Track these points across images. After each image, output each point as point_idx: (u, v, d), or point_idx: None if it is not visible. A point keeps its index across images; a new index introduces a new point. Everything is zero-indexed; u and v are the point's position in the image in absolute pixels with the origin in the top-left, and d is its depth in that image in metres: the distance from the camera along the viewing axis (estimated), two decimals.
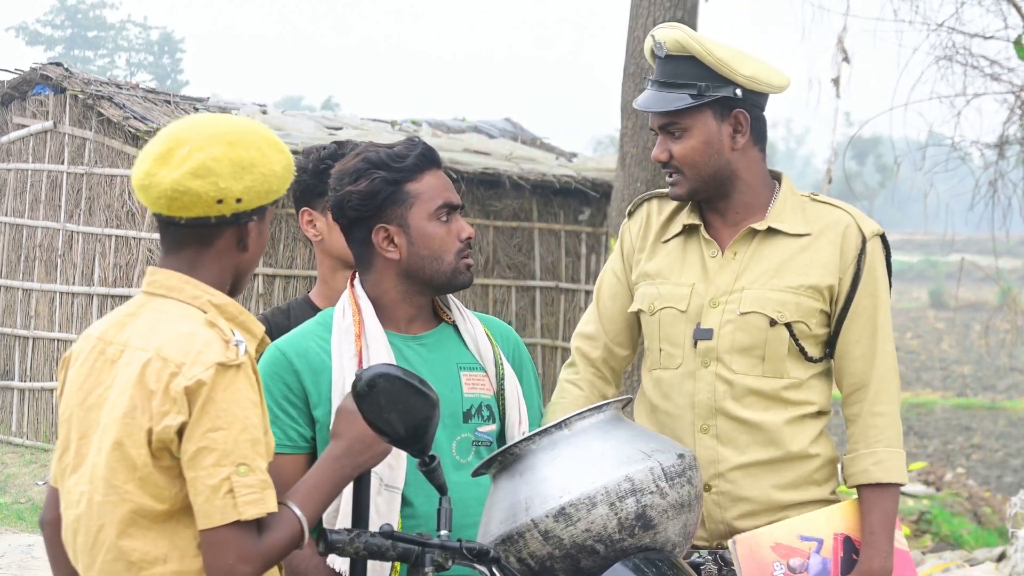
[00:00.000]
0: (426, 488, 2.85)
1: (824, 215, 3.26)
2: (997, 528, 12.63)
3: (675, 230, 3.32)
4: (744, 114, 3.21)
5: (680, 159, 3.21)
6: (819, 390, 3.25)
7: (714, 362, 3.20)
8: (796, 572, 3.11)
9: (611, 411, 2.81)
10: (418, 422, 2.58)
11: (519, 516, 2.67)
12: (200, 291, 2.56)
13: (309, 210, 3.73)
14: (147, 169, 2.52)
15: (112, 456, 2.48)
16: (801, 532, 3.14)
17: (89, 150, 11.58)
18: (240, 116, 2.60)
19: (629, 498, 2.65)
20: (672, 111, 3.19)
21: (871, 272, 3.22)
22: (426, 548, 2.57)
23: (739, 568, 3.08)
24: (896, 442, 3.23)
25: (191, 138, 2.52)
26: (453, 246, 3.07)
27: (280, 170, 2.57)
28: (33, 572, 8.04)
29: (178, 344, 2.48)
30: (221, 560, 2.42)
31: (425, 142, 3.13)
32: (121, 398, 2.49)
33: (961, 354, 29.80)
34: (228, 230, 2.57)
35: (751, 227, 3.24)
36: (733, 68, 3.17)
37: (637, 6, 8.65)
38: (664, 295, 3.27)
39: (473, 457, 3.07)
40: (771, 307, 3.18)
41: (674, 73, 3.20)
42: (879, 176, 55.37)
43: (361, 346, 3.02)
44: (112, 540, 2.49)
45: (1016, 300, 10.67)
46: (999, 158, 10.01)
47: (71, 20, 61.69)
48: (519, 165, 12.20)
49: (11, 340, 12.25)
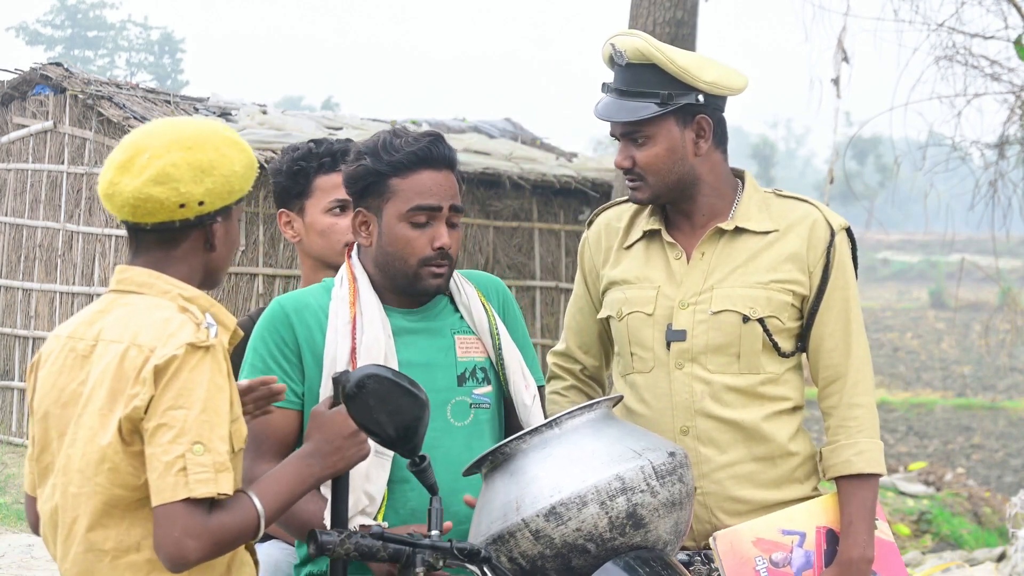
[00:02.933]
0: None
1: (791, 210, 3.28)
2: (997, 528, 12.64)
3: (636, 235, 3.33)
4: (707, 119, 3.22)
5: (643, 166, 3.22)
6: (793, 385, 3.27)
7: (688, 363, 3.22)
8: (779, 566, 3.11)
9: (602, 409, 2.81)
10: (408, 422, 2.58)
11: (510, 515, 2.67)
12: (171, 286, 2.60)
13: (286, 212, 3.73)
14: (110, 178, 2.58)
15: (88, 448, 2.51)
16: (782, 526, 3.15)
17: (89, 150, 11.58)
18: (201, 118, 2.63)
19: (620, 497, 2.65)
20: (636, 120, 3.20)
21: (841, 265, 3.24)
22: (417, 548, 2.57)
23: (721, 564, 3.09)
24: (875, 433, 3.24)
25: (150, 145, 2.56)
26: (420, 252, 3.03)
27: (241, 169, 2.61)
28: (33, 572, 8.03)
29: (152, 330, 2.52)
30: (168, 535, 2.43)
31: (435, 140, 3.08)
32: (99, 391, 2.52)
33: (961, 354, 29.79)
34: (193, 232, 2.62)
35: (718, 227, 3.25)
36: (695, 75, 3.18)
37: (637, 6, 8.66)
38: (631, 299, 3.28)
39: (471, 420, 3.08)
40: (743, 304, 3.20)
41: (635, 81, 3.20)
42: (879, 176, 55.36)
43: (355, 313, 3.03)
44: (83, 532, 2.52)
45: (1016, 300, 10.67)
46: (999, 158, 10.01)
47: (71, 20, 61.71)
48: (519, 165, 12.20)
49: (11, 340, 12.26)
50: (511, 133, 13.57)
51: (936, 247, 45.16)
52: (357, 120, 12.61)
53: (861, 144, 51.63)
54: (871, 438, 3.21)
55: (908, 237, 54.83)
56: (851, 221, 3.45)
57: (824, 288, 3.23)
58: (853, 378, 3.23)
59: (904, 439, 19.74)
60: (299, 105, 63.09)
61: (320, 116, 12.64)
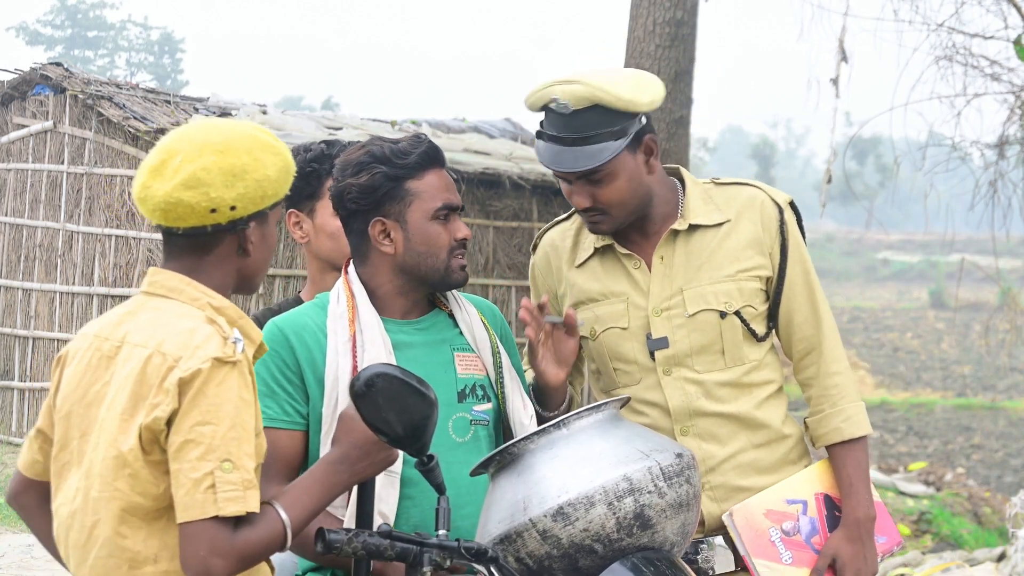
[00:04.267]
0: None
1: (735, 196, 3.30)
2: (997, 528, 12.64)
3: (587, 252, 3.33)
4: (653, 139, 3.23)
5: (607, 202, 3.20)
6: (773, 366, 3.33)
7: (676, 367, 3.24)
8: (790, 535, 3.21)
9: (609, 410, 2.81)
10: (416, 422, 2.58)
11: (517, 516, 2.67)
12: (201, 293, 2.58)
13: (296, 212, 3.73)
14: (143, 182, 2.56)
15: (108, 452, 2.49)
16: (786, 496, 3.25)
17: (89, 150, 11.57)
18: (238, 121, 2.60)
19: (627, 497, 2.66)
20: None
21: (794, 239, 3.29)
22: (424, 548, 2.57)
23: (739, 538, 3.17)
24: (856, 396, 3.31)
25: (183, 149, 2.54)
26: (448, 245, 3.09)
27: (275, 173, 2.58)
28: (33, 572, 8.03)
29: (178, 339, 2.50)
30: (194, 553, 2.42)
31: (431, 140, 3.13)
32: (121, 394, 2.50)
33: (961, 354, 29.80)
34: (226, 237, 2.59)
35: (672, 229, 3.26)
36: (638, 102, 3.16)
37: (637, 6, 8.65)
38: (601, 317, 3.29)
39: (471, 436, 3.08)
40: (716, 300, 3.24)
41: (583, 126, 3.16)
42: (879, 176, 55.33)
43: (355, 330, 3.03)
44: (108, 535, 2.50)
45: (1016, 300, 10.67)
46: (999, 158, 10.01)
47: (71, 20, 61.70)
48: (519, 165, 12.20)
49: (11, 340, 12.25)
50: (511, 133, 13.56)
51: (936, 247, 45.19)
52: (357, 120, 12.60)
53: (861, 144, 51.63)
54: (853, 402, 3.30)
55: (908, 237, 54.82)
56: (851, 221, 3.48)
57: (784, 265, 3.27)
58: (827, 347, 3.30)
59: (904, 439, 19.74)
60: (299, 105, 63.09)
61: (320, 116, 12.63)
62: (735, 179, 3.37)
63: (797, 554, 3.19)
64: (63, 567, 2.67)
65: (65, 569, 2.67)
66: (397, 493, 2.98)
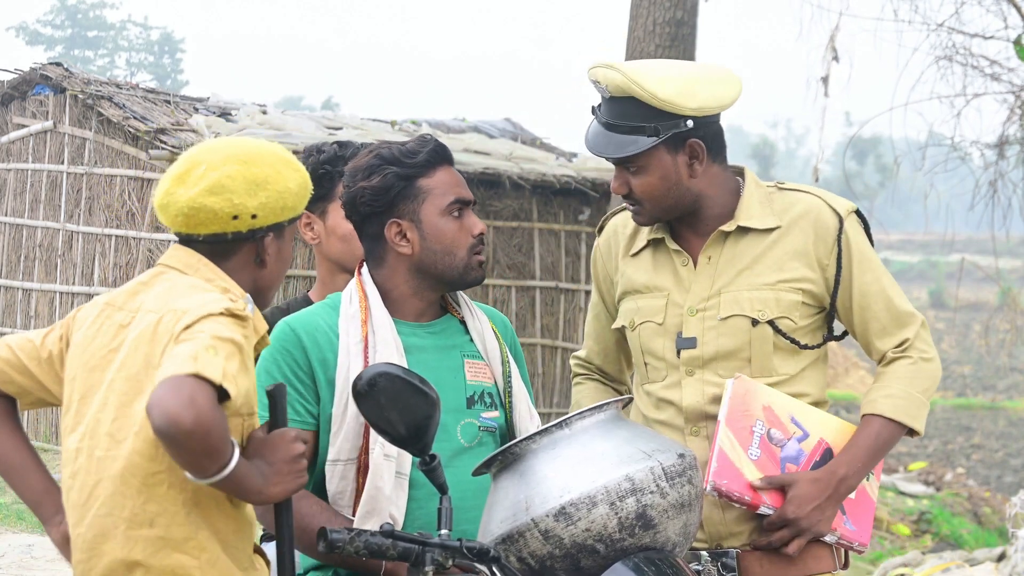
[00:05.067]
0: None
1: (794, 204, 3.21)
2: (997, 528, 12.65)
3: (641, 243, 3.30)
4: (698, 143, 3.15)
5: (640, 193, 3.18)
6: (812, 380, 3.21)
7: (699, 369, 3.18)
8: (772, 443, 3.10)
9: (612, 410, 2.81)
10: (419, 421, 2.59)
11: (519, 515, 2.67)
12: (216, 275, 2.65)
13: (307, 213, 3.72)
14: (167, 189, 2.65)
15: (120, 412, 2.53)
16: (795, 415, 3.12)
17: (89, 150, 11.58)
18: (258, 139, 2.72)
19: (629, 498, 2.65)
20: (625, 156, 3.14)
21: (858, 248, 3.18)
22: (426, 547, 2.57)
23: (726, 403, 3.08)
24: (922, 390, 3.13)
25: (207, 159, 2.64)
26: (465, 241, 3.10)
27: (295, 187, 2.69)
28: (33, 572, 8.03)
29: (190, 299, 2.56)
30: (173, 398, 2.34)
31: (437, 139, 3.15)
32: (134, 356, 2.55)
33: (961, 354, 29.80)
34: (245, 246, 2.68)
35: (721, 229, 3.20)
36: (680, 105, 3.10)
37: (637, 6, 8.65)
38: (642, 309, 3.26)
39: (478, 443, 3.08)
40: (751, 307, 3.16)
41: (620, 114, 3.14)
42: (879, 176, 55.31)
43: (367, 332, 3.04)
44: (108, 494, 2.53)
45: (1016, 300, 10.68)
46: (999, 158, 10.02)
47: (71, 20, 61.70)
48: (519, 165, 12.20)
49: None
50: (511, 133, 13.56)
51: (936, 247, 45.13)
52: (357, 120, 12.60)
53: (861, 144, 51.59)
54: (915, 392, 3.12)
55: (908, 237, 54.85)
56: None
57: (842, 276, 3.16)
58: (919, 343, 3.16)
59: (904, 439, 19.74)
60: (299, 105, 63.08)
61: (320, 116, 12.63)
62: (799, 185, 3.27)
63: (764, 459, 3.07)
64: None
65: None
66: (406, 495, 2.98)
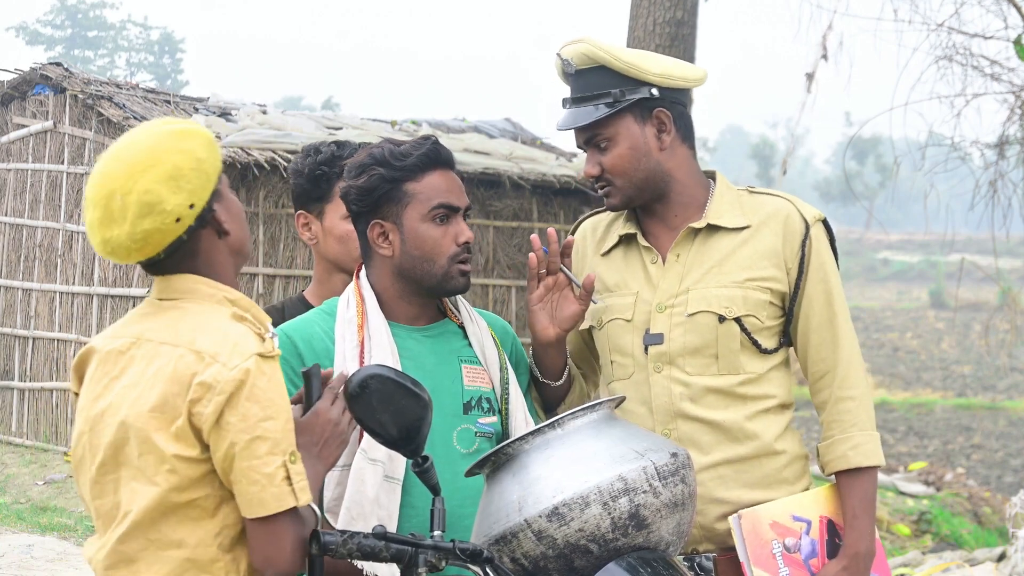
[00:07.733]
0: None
1: (763, 205, 3.25)
2: (997, 528, 12.64)
3: (612, 241, 3.32)
4: (665, 112, 3.20)
5: (610, 169, 3.20)
6: (778, 382, 3.23)
7: (667, 366, 3.20)
8: (791, 552, 3.15)
9: (604, 410, 2.81)
10: (410, 423, 2.59)
11: (512, 516, 2.67)
12: (214, 289, 2.59)
13: (305, 213, 3.72)
14: (100, 239, 2.54)
15: (143, 447, 2.50)
16: (793, 512, 3.18)
17: (89, 150, 11.58)
18: (140, 128, 2.59)
19: (622, 497, 2.65)
20: (592, 123, 3.18)
21: (818, 257, 3.21)
22: (419, 549, 2.56)
23: (742, 543, 3.11)
24: (869, 425, 3.20)
25: (113, 187, 2.50)
26: (447, 249, 3.07)
27: (204, 153, 2.55)
28: (33, 572, 8.03)
29: (211, 337, 2.51)
30: (278, 547, 2.47)
31: (436, 141, 3.12)
32: (150, 392, 2.51)
33: (961, 354, 29.81)
34: (202, 232, 2.59)
35: (691, 226, 3.23)
36: (643, 68, 3.16)
37: (637, 6, 8.65)
38: (611, 307, 3.27)
39: (475, 449, 3.08)
40: (718, 304, 3.18)
41: (587, 86, 3.19)
42: (879, 176, 55.31)
43: (363, 336, 3.03)
44: (136, 520, 2.50)
45: (1016, 300, 10.67)
46: (999, 158, 10.01)
47: (71, 20, 61.72)
48: (519, 165, 12.20)
49: (11, 340, 12.26)
50: (511, 133, 13.56)
51: (936, 247, 45.18)
52: (357, 120, 12.59)
53: (861, 144, 51.58)
54: (865, 430, 3.19)
55: (908, 237, 54.82)
56: (851, 221, 3.45)
57: (800, 283, 3.20)
58: (843, 371, 3.20)
59: (904, 439, 19.74)
60: (299, 105, 63.11)
61: (320, 116, 12.62)
62: (769, 190, 3.31)
63: (794, 572, 3.14)
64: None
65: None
66: (398, 500, 2.97)
